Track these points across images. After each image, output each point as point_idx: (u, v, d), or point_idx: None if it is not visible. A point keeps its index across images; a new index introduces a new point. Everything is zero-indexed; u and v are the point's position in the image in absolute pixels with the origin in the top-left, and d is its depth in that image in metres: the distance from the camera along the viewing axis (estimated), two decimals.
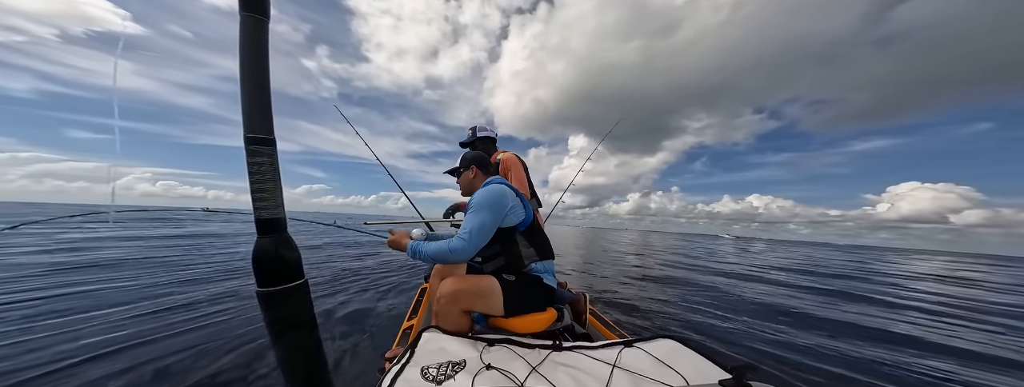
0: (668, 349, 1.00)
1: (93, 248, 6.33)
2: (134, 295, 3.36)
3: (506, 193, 1.34)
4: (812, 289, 6.21)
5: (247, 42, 0.81)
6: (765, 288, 6.02)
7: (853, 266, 12.40)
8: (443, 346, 1.01)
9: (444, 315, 1.16)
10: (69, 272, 4.23)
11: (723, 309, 4.14)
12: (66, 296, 3.24)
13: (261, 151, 0.82)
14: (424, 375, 0.86)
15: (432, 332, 1.08)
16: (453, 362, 0.92)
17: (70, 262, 4.85)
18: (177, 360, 2.04)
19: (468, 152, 1.56)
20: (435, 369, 0.89)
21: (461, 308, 1.17)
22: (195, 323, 2.68)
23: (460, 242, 1.18)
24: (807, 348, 2.87)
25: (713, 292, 5.28)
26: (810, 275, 8.49)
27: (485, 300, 1.20)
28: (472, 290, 1.19)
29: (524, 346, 1.05)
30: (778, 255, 17.24)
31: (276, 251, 0.85)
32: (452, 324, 1.14)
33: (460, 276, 1.26)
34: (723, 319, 3.68)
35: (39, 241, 6.91)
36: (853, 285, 7.08)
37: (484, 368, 0.90)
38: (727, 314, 3.90)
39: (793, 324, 3.63)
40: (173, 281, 4.02)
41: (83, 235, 8.47)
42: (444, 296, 1.16)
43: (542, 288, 1.34)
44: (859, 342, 3.12)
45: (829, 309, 4.52)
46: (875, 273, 10.09)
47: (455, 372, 0.87)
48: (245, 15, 0.81)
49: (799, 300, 5.03)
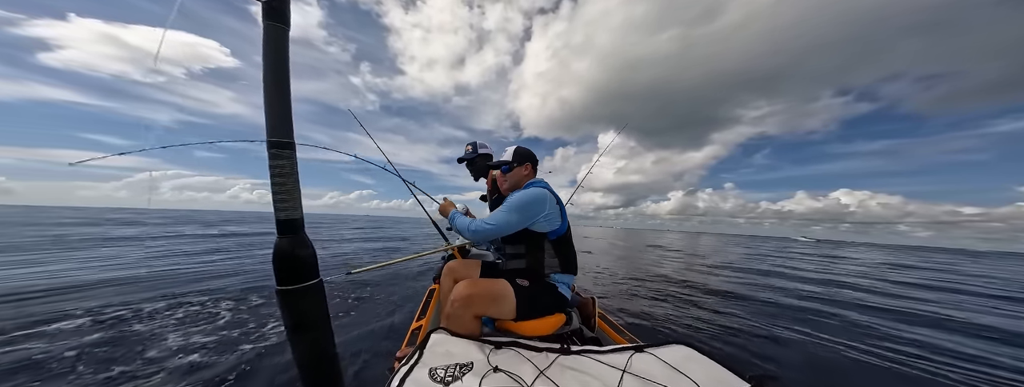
0: (681, 356, 0.97)
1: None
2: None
3: (545, 199, 1.34)
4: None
5: (269, 50, 0.85)
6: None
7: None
8: (451, 348, 1.02)
9: (456, 318, 1.16)
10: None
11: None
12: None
13: (282, 154, 0.85)
14: (432, 376, 0.87)
15: (440, 334, 1.09)
16: (460, 364, 0.93)
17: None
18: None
19: (522, 147, 1.56)
20: (443, 370, 0.89)
21: (474, 312, 1.17)
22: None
23: (482, 227, 1.32)
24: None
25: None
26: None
27: (497, 305, 1.20)
28: (485, 295, 1.19)
29: (532, 349, 1.04)
30: (928, 272, 10.85)
31: (293, 251, 0.88)
32: (462, 328, 1.14)
33: (474, 280, 1.26)
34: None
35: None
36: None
37: (491, 370, 0.90)
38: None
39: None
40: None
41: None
42: (457, 300, 1.16)
43: (555, 295, 1.33)
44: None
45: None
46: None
47: (463, 374, 0.88)
48: (267, 24, 0.84)
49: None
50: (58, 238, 9.00)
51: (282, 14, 0.86)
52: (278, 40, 0.86)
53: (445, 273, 1.68)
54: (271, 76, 0.85)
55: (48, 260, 5.55)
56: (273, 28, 0.85)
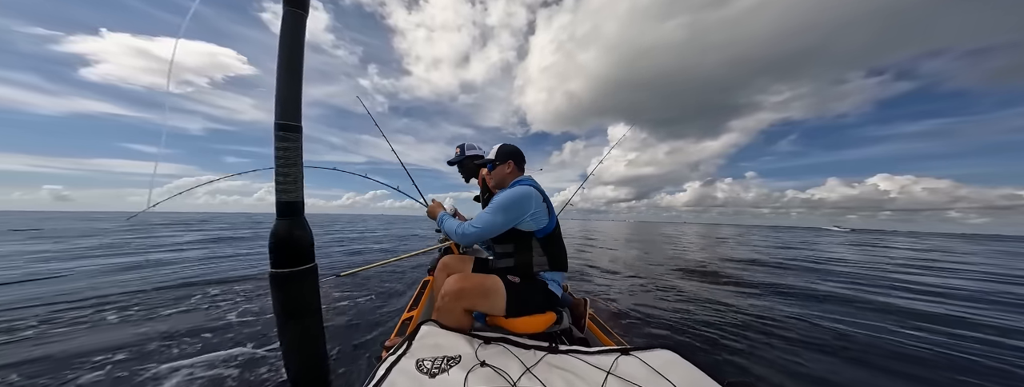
0: (665, 360, 0.99)
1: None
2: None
3: (529, 198, 1.34)
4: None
5: (286, 34, 0.86)
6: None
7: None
8: (440, 341, 1.02)
9: (447, 312, 1.17)
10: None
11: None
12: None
13: (289, 137, 0.86)
14: (419, 367, 0.87)
15: (430, 326, 1.10)
16: (448, 357, 0.93)
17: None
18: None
19: (506, 145, 1.56)
20: (430, 362, 0.90)
21: (464, 306, 1.18)
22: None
23: (470, 230, 1.34)
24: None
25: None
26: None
27: (488, 300, 1.21)
28: (476, 289, 1.21)
29: (520, 346, 1.05)
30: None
31: (291, 233, 0.88)
32: (453, 321, 1.15)
33: (465, 275, 1.27)
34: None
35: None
36: None
37: (479, 364, 0.91)
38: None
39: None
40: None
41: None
42: (448, 293, 1.17)
43: (546, 293, 1.34)
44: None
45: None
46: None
47: (450, 366, 0.89)
48: (287, 9, 0.86)
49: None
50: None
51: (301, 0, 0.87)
52: (295, 25, 0.87)
53: (439, 267, 1.70)
54: (285, 60, 0.86)
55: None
56: (292, 13, 0.86)
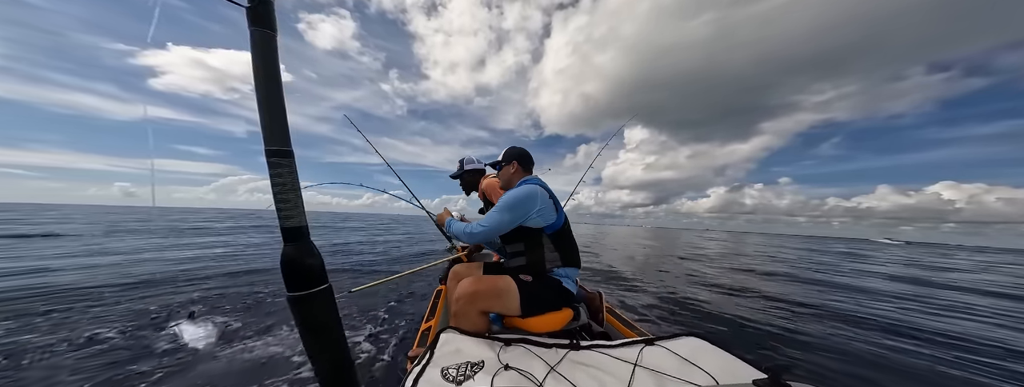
0: (693, 347, 0.96)
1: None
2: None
3: (535, 195, 1.36)
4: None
5: (258, 56, 0.83)
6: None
7: None
8: (460, 346, 1.02)
9: (462, 315, 1.18)
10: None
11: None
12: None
13: (281, 162, 0.84)
14: (444, 376, 0.88)
15: (449, 333, 1.10)
16: (471, 363, 0.93)
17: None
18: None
19: (512, 147, 1.62)
20: (454, 369, 0.90)
21: (479, 309, 1.19)
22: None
23: (478, 229, 1.41)
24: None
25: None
26: None
27: (502, 300, 1.21)
28: (489, 291, 1.21)
29: (541, 346, 1.04)
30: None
31: (300, 258, 0.88)
32: (470, 324, 1.16)
33: (477, 277, 1.27)
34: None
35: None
36: None
37: (502, 368, 0.91)
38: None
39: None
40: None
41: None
42: (462, 297, 1.18)
43: (560, 290, 1.33)
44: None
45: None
46: None
47: (474, 372, 0.89)
48: (253, 29, 0.82)
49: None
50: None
51: (268, 19, 0.83)
52: (266, 46, 0.83)
53: (451, 275, 1.72)
54: (262, 83, 0.83)
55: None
56: (260, 33, 0.82)
